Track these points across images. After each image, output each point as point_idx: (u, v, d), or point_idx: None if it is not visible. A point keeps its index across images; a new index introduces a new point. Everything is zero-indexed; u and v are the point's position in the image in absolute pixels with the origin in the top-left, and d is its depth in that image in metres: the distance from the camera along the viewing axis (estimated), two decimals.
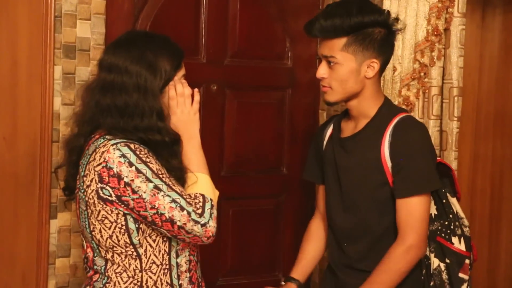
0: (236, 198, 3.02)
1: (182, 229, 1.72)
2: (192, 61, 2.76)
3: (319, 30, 2.01)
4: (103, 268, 1.81)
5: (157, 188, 1.70)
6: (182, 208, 1.71)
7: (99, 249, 1.80)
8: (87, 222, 1.79)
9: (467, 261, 2.08)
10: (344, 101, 2.09)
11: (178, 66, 1.85)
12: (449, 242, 2.08)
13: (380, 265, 2.00)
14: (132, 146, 1.73)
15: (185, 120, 1.85)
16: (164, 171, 1.74)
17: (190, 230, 1.72)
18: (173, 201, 1.71)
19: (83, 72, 2.58)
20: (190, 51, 2.76)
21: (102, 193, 1.72)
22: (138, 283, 1.79)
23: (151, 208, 1.70)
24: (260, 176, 3.10)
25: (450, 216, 2.10)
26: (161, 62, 1.79)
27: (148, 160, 1.72)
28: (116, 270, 1.79)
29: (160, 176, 1.72)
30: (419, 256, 2.01)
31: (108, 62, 1.80)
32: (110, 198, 1.72)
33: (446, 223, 2.09)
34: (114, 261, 1.79)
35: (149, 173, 1.71)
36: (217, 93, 2.95)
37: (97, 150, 1.74)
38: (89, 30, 2.59)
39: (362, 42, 1.99)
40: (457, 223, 2.10)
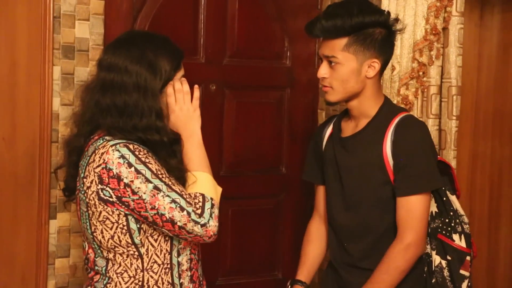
0: (236, 198, 3.01)
1: (183, 229, 1.72)
2: (191, 61, 2.76)
3: (321, 30, 2.02)
4: (104, 269, 1.80)
5: (157, 189, 1.70)
6: (182, 209, 1.70)
7: (101, 250, 1.80)
8: (88, 223, 1.79)
9: (468, 258, 2.09)
10: (345, 101, 2.09)
11: (178, 67, 1.84)
12: (450, 239, 2.09)
13: (380, 265, 2.01)
14: (131, 147, 1.72)
15: (184, 118, 1.84)
16: (164, 171, 1.74)
17: (191, 230, 1.72)
18: (173, 202, 1.70)
19: (82, 73, 2.58)
20: (189, 51, 2.76)
21: (103, 194, 1.72)
22: (140, 283, 1.79)
23: (152, 209, 1.70)
24: (259, 176, 3.10)
25: (451, 214, 2.10)
26: (161, 62, 1.79)
27: (148, 161, 1.72)
28: (117, 270, 1.79)
29: (160, 177, 1.71)
30: (418, 254, 2.02)
31: (108, 62, 1.79)
32: (111, 199, 1.72)
33: (447, 221, 2.10)
34: (116, 261, 1.79)
35: (149, 174, 1.70)
36: (216, 93, 2.95)
37: (97, 151, 1.74)
38: (88, 31, 2.59)
39: (363, 42, 2.00)
40: (458, 221, 2.11)
